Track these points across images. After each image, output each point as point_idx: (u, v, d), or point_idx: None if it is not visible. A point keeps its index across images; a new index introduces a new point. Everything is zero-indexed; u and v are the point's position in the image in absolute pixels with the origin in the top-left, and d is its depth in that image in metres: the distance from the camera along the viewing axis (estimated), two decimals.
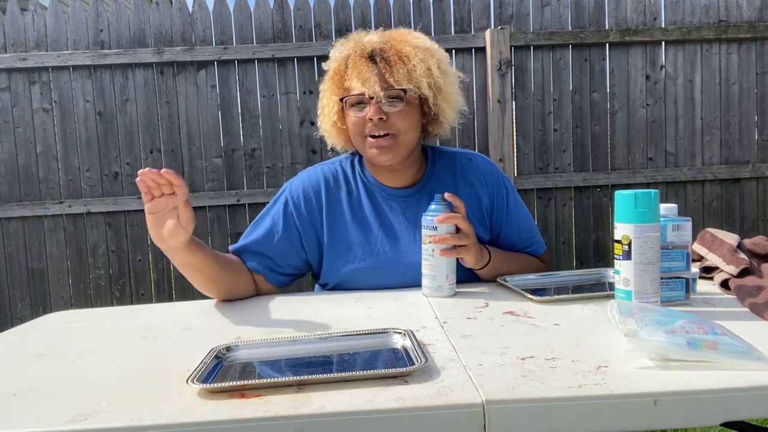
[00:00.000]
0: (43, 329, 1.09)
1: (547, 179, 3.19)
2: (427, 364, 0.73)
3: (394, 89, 1.22)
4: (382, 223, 1.33)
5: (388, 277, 1.28)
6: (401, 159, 1.29)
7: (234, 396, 0.68)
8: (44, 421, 0.65)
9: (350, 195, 1.35)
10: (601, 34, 3.14)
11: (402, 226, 1.32)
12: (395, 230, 1.32)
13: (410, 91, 1.23)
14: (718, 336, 0.75)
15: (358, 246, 1.31)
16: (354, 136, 1.30)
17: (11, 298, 3.11)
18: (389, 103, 1.23)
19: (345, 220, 1.33)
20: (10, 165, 3.06)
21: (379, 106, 1.23)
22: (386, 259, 1.29)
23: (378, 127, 1.24)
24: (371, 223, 1.33)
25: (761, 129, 3.28)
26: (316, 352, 0.84)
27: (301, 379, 0.71)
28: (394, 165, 1.31)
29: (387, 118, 1.24)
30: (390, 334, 0.88)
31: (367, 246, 1.31)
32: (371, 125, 1.25)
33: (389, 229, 1.32)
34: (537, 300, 1.07)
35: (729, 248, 1.18)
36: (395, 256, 1.29)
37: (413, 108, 1.27)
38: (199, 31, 3.07)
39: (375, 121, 1.23)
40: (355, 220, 1.33)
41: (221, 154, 3.13)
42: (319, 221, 1.33)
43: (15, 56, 2.99)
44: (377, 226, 1.32)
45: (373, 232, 1.32)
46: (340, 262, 1.30)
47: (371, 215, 1.33)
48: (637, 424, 0.64)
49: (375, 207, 1.34)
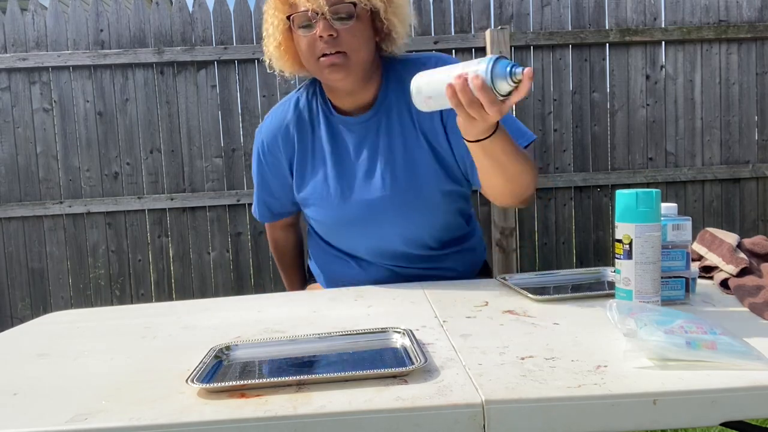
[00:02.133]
0: (43, 329, 1.09)
1: (547, 179, 3.19)
2: (427, 364, 0.73)
3: (343, 2, 1.16)
4: (340, 158, 1.30)
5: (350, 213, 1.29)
6: (356, 79, 1.23)
7: (234, 396, 0.68)
8: (44, 420, 0.65)
9: (313, 131, 1.33)
10: (601, 34, 3.14)
11: (362, 158, 1.29)
12: (353, 164, 1.30)
13: (360, 4, 1.17)
14: (717, 336, 0.75)
15: (321, 185, 1.31)
16: (307, 60, 1.24)
17: (11, 298, 3.11)
18: (339, 20, 1.17)
19: (307, 158, 1.33)
20: (10, 165, 3.06)
21: (329, 23, 1.16)
22: (345, 196, 1.29)
23: (329, 45, 1.17)
24: (331, 159, 1.30)
25: (761, 129, 3.27)
26: (315, 351, 0.85)
27: (301, 379, 0.71)
28: (350, 86, 1.25)
29: (337, 35, 1.17)
30: (389, 333, 0.88)
31: (324, 185, 1.31)
32: (321, 44, 1.18)
33: (347, 164, 1.30)
34: (537, 299, 1.07)
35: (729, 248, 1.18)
36: (353, 194, 1.29)
37: (364, 24, 1.21)
38: (199, 31, 3.07)
39: (325, 38, 1.17)
40: (318, 156, 1.32)
41: (221, 154, 3.13)
42: (287, 165, 1.36)
43: (15, 56, 2.99)
44: (335, 161, 1.30)
45: (332, 167, 1.30)
46: (309, 201, 1.34)
47: (330, 151, 1.31)
48: (636, 424, 0.64)
49: (335, 140, 1.31)
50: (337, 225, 1.33)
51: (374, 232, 1.30)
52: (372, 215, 1.28)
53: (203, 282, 3.17)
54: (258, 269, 3.19)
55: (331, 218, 1.32)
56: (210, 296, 3.05)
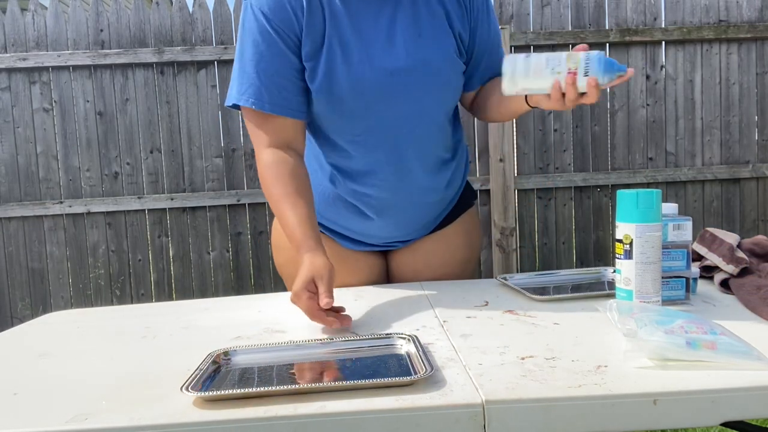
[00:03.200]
0: (42, 329, 1.09)
1: (547, 179, 3.19)
2: (433, 374, 0.71)
3: None
4: (358, 27, 1.13)
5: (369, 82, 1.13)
6: None
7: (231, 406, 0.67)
8: (44, 420, 0.65)
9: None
10: (601, 34, 3.14)
11: (380, 28, 1.14)
12: (370, 34, 1.14)
13: None
14: (717, 336, 0.75)
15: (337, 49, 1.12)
16: None
17: (11, 298, 3.11)
18: None
19: (317, 25, 1.12)
20: (10, 165, 3.06)
21: None
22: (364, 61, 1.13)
23: None
24: (345, 25, 1.13)
25: (761, 129, 3.28)
26: (317, 357, 0.82)
27: (300, 388, 0.69)
28: None
29: None
30: (393, 338, 0.85)
31: (340, 49, 1.12)
32: None
33: (365, 34, 1.14)
34: (537, 299, 1.07)
35: (729, 248, 1.18)
36: (374, 63, 1.13)
37: None
38: (199, 31, 3.07)
39: None
40: (333, 22, 1.12)
41: (221, 154, 3.13)
42: (296, 38, 1.12)
43: (15, 56, 2.99)
44: (351, 30, 1.13)
45: (351, 33, 1.13)
46: (318, 71, 1.13)
47: (347, 14, 1.13)
48: (637, 424, 0.64)
49: (369, 5, 1.14)
50: (349, 103, 1.14)
51: (389, 116, 1.16)
52: (392, 86, 1.14)
53: (203, 282, 3.17)
54: (258, 269, 3.19)
55: (345, 90, 1.13)
56: (210, 296, 3.05)
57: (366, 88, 1.14)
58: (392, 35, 1.15)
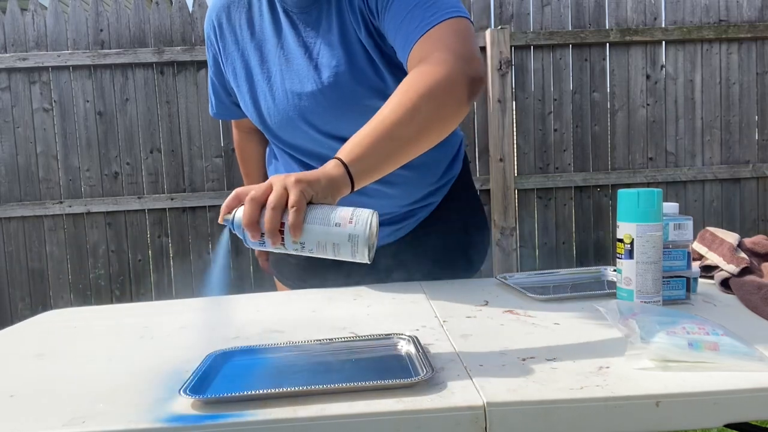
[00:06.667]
0: (40, 328, 1.08)
1: (548, 179, 3.19)
2: (433, 375, 0.70)
3: None
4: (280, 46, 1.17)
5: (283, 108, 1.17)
6: None
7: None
8: (41, 423, 0.64)
9: (250, 13, 1.19)
10: (602, 34, 3.14)
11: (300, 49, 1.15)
12: (292, 54, 1.16)
13: None
14: (719, 337, 0.75)
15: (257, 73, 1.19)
16: None
17: (11, 298, 3.11)
18: None
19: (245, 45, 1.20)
20: (10, 165, 3.05)
21: None
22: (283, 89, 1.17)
23: None
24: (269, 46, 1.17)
25: (761, 129, 3.27)
26: (316, 358, 0.81)
27: (300, 390, 0.68)
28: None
29: None
30: (393, 339, 0.85)
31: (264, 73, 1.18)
32: None
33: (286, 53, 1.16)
34: (537, 299, 1.07)
35: (729, 247, 1.17)
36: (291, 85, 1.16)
37: None
38: (199, 30, 3.07)
39: None
40: (254, 42, 1.19)
41: (221, 154, 3.12)
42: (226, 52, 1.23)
43: (15, 56, 2.98)
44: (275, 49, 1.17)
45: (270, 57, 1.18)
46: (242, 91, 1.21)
47: (271, 37, 1.18)
48: (639, 426, 0.64)
49: (276, 26, 1.17)
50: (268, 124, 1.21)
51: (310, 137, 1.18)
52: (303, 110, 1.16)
53: (203, 282, 3.17)
54: (258, 269, 3.19)
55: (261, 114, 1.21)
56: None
57: (276, 113, 1.19)
58: (293, 59, 1.16)
